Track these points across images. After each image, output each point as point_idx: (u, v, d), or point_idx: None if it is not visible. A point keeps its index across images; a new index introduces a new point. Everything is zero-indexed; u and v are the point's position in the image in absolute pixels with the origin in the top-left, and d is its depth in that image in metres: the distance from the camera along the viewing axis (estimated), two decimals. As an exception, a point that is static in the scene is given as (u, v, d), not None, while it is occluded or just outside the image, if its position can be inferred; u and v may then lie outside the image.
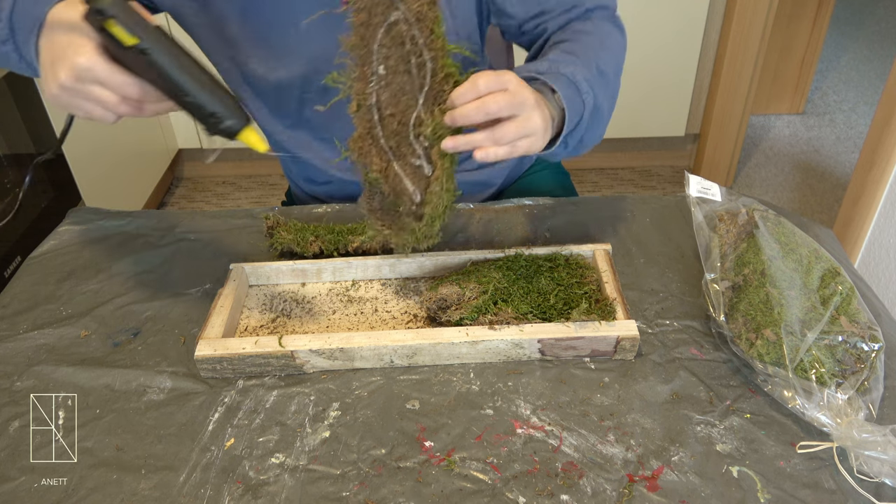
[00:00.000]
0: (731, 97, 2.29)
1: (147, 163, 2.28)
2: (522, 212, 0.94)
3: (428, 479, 0.60)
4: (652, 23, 2.18)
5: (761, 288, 0.70)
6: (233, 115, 0.60)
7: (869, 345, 0.64)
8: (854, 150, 2.65)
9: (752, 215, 0.80)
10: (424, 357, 0.70)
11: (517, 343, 0.69)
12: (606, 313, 0.70)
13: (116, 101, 0.60)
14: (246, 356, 0.68)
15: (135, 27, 0.56)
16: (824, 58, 3.34)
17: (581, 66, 0.75)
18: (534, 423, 0.64)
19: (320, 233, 0.85)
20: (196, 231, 0.93)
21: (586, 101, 0.74)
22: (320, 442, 0.64)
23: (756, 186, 2.49)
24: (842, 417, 0.60)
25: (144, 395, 0.69)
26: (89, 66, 0.58)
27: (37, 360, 0.74)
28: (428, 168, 0.67)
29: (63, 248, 0.91)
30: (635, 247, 0.87)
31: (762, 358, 0.66)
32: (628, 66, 0.92)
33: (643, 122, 2.40)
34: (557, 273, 0.76)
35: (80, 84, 0.59)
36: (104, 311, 0.80)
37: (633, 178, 2.55)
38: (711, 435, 0.63)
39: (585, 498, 0.58)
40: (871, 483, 0.58)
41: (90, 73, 0.58)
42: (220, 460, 0.62)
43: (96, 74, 0.58)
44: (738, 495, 0.58)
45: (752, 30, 2.15)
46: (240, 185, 2.59)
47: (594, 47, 0.81)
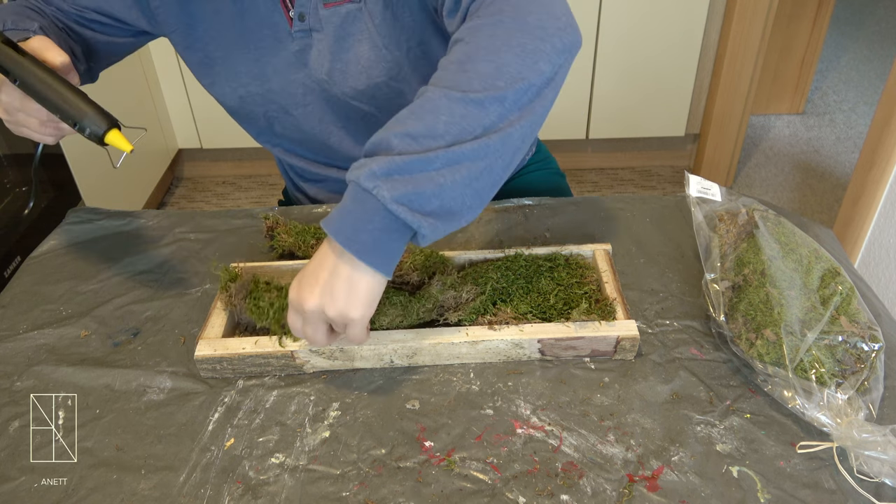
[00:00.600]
0: (731, 97, 2.29)
1: (147, 163, 2.28)
2: (522, 212, 0.94)
3: (428, 479, 0.60)
4: (652, 23, 2.18)
5: (761, 288, 0.70)
6: (94, 123, 0.69)
7: (869, 345, 0.64)
8: (854, 150, 2.65)
9: (752, 215, 0.80)
10: (424, 357, 0.70)
11: (517, 343, 0.69)
12: (606, 313, 0.70)
13: (37, 123, 0.72)
14: (246, 356, 0.68)
15: (8, 63, 0.68)
16: (824, 58, 3.34)
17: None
18: (534, 423, 0.64)
19: (321, 235, 0.85)
20: (196, 231, 0.93)
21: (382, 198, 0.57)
22: (320, 442, 0.64)
23: (756, 186, 2.49)
24: (842, 417, 0.60)
25: (144, 395, 0.69)
26: (8, 100, 0.71)
27: (37, 360, 0.74)
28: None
29: (63, 248, 0.91)
30: (635, 247, 0.87)
31: (762, 358, 0.66)
32: (629, 66, 0.91)
33: (643, 122, 2.40)
34: (557, 273, 0.76)
35: (10, 115, 0.72)
36: (104, 311, 0.80)
37: (633, 178, 2.55)
38: (711, 435, 0.63)
39: (585, 498, 0.58)
40: (871, 483, 0.58)
41: (11, 105, 0.71)
42: (220, 460, 0.62)
43: (14, 104, 0.71)
44: (738, 495, 0.58)
45: (752, 30, 2.15)
46: (240, 185, 2.59)
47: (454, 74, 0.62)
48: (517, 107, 0.60)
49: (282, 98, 0.89)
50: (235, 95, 0.89)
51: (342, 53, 0.83)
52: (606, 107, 2.36)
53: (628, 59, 2.26)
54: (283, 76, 0.87)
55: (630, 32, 2.21)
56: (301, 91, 0.88)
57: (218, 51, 0.86)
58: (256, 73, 0.87)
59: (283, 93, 0.88)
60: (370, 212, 0.57)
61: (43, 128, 0.73)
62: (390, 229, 0.57)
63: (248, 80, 0.88)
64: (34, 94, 0.69)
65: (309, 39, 0.83)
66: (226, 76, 0.88)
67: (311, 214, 0.95)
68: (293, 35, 0.83)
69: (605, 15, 2.17)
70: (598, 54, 2.25)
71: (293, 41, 0.84)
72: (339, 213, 0.59)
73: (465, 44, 0.63)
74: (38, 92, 0.69)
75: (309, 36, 0.83)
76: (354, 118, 0.90)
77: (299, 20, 0.82)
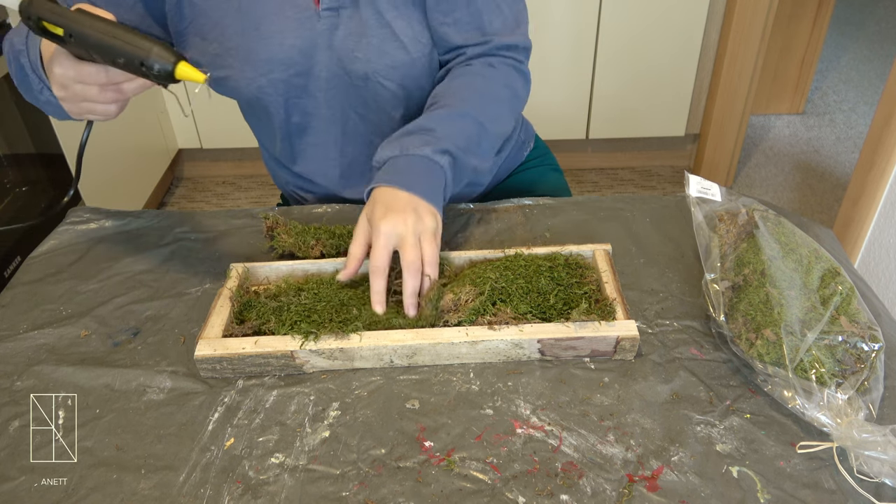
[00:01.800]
0: (731, 97, 2.29)
1: (147, 163, 2.28)
2: (522, 212, 0.94)
3: (428, 479, 0.60)
4: (652, 22, 2.18)
5: (761, 288, 0.70)
6: (161, 58, 0.63)
7: (869, 345, 0.64)
8: (854, 150, 2.65)
9: (752, 215, 0.80)
10: (424, 357, 0.70)
11: (517, 343, 0.69)
12: (606, 313, 0.70)
13: (96, 91, 0.66)
14: (246, 356, 0.68)
15: (57, 18, 0.62)
16: (824, 58, 3.34)
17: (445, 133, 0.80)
18: (534, 423, 0.64)
19: (321, 236, 0.84)
20: (196, 231, 0.93)
21: (445, 169, 0.79)
22: (320, 442, 0.64)
23: (756, 186, 2.49)
24: (842, 417, 0.60)
25: (144, 395, 0.69)
26: (62, 72, 0.65)
27: (37, 360, 0.74)
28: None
29: (63, 248, 0.91)
30: (635, 247, 0.87)
31: (762, 358, 0.66)
32: (629, 66, 0.94)
33: (643, 122, 2.40)
34: (557, 273, 0.76)
35: (66, 90, 0.67)
36: (104, 311, 0.80)
37: (633, 178, 2.55)
38: (711, 435, 0.63)
39: (585, 498, 0.58)
40: (871, 483, 0.58)
41: (66, 77, 0.66)
42: (220, 460, 0.62)
43: (69, 74, 0.65)
44: (738, 495, 0.58)
45: (752, 30, 2.15)
46: (240, 185, 2.59)
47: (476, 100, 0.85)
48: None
49: (305, 80, 0.88)
50: (254, 86, 0.88)
51: (377, 30, 0.84)
52: (606, 107, 2.36)
53: (628, 59, 2.26)
54: (308, 58, 0.86)
55: (630, 32, 2.21)
56: (325, 74, 0.87)
57: (234, 39, 0.85)
58: (281, 58, 0.85)
59: (307, 75, 0.87)
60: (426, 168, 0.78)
61: (103, 94, 0.67)
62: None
63: (268, 67, 0.86)
64: (91, 45, 0.63)
65: (336, 19, 0.83)
66: (243, 65, 0.86)
67: (312, 214, 0.95)
68: (320, 14, 0.83)
69: (606, 15, 2.17)
70: (598, 54, 2.25)
71: (319, 20, 0.83)
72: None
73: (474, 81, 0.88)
74: (94, 40, 0.62)
75: (336, 15, 0.83)
76: (376, 100, 0.91)
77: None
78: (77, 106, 0.68)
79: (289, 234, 0.85)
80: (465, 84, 0.86)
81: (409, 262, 0.71)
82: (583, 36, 2.21)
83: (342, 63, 0.86)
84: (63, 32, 0.63)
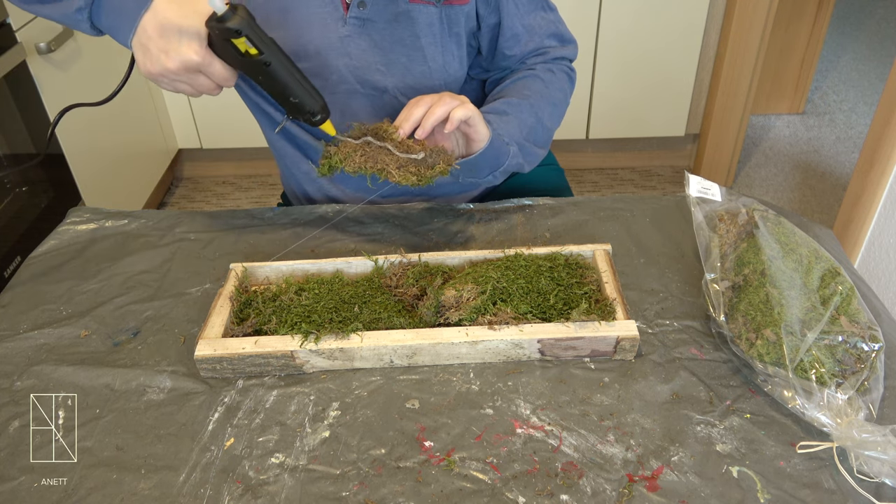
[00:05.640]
0: (731, 97, 2.29)
1: (147, 163, 2.28)
2: (522, 212, 0.94)
3: (428, 479, 0.60)
4: (652, 23, 2.18)
5: (761, 288, 0.70)
6: (322, 111, 0.73)
7: (869, 345, 0.64)
8: (854, 150, 2.65)
9: (752, 215, 0.80)
10: (424, 357, 0.70)
11: (517, 343, 0.69)
12: (606, 313, 0.70)
13: (212, 86, 0.73)
14: (246, 356, 0.68)
15: (259, 43, 0.67)
16: (824, 58, 3.34)
17: (515, 123, 0.88)
18: (534, 423, 0.64)
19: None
20: (196, 231, 0.93)
21: (511, 156, 0.87)
22: (320, 442, 0.64)
23: (756, 186, 2.49)
24: (842, 417, 0.60)
25: (144, 395, 0.69)
26: (200, 62, 0.69)
27: (37, 360, 0.74)
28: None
29: (63, 248, 0.91)
30: (635, 247, 0.87)
31: (762, 358, 0.66)
32: (629, 66, 0.94)
33: (643, 122, 2.40)
34: (557, 273, 0.76)
35: (186, 74, 0.71)
36: (104, 311, 0.80)
37: (633, 178, 2.55)
38: (711, 435, 0.63)
39: (585, 498, 0.58)
40: (871, 483, 0.58)
41: (198, 67, 0.70)
42: (220, 460, 0.62)
43: (203, 68, 0.70)
44: (738, 495, 0.58)
45: (752, 30, 2.15)
46: (240, 185, 2.59)
47: (540, 100, 0.93)
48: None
49: (315, 80, 0.88)
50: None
51: (409, 50, 0.85)
52: (606, 107, 2.36)
53: (628, 58, 2.26)
54: (321, 59, 0.86)
55: (630, 32, 2.21)
56: (335, 78, 0.88)
57: (258, 15, 0.85)
58: (296, 49, 0.86)
59: (316, 76, 0.87)
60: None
61: (212, 90, 0.73)
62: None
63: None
64: (277, 77, 0.68)
65: (360, 29, 0.83)
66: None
67: (312, 214, 0.95)
68: (346, 20, 0.83)
69: (606, 15, 2.17)
70: (598, 54, 2.25)
71: (343, 25, 0.84)
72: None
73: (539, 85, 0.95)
74: (283, 77, 0.68)
75: (361, 25, 0.83)
76: (385, 109, 0.91)
77: (357, 7, 0.82)
78: (174, 83, 0.72)
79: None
80: (526, 85, 0.93)
81: (446, 99, 0.74)
82: (583, 36, 2.21)
83: (357, 72, 0.87)
84: (256, 57, 0.67)
